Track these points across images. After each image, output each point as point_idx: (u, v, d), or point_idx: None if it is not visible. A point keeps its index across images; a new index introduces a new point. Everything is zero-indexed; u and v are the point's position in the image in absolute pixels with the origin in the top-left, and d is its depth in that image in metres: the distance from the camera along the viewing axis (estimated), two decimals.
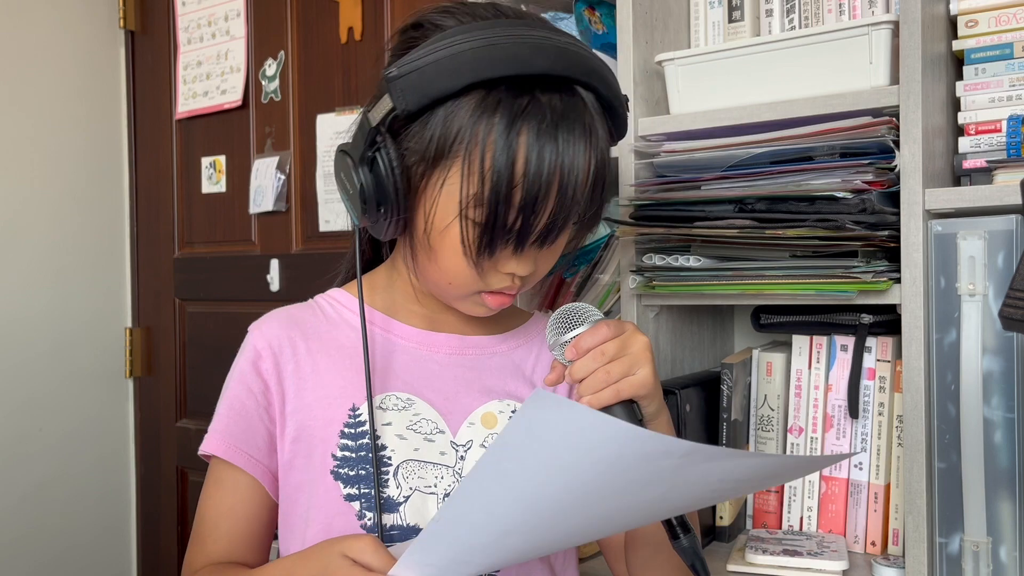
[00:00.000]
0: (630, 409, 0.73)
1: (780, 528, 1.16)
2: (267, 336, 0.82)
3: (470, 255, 0.73)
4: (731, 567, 1.05)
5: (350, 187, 0.75)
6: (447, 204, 0.73)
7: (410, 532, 0.77)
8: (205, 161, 2.19)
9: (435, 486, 0.79)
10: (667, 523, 0.71)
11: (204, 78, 2.17)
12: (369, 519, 0.77)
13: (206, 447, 0.81)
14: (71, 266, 2.22)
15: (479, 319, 0.87)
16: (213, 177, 2.17)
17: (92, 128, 2.28)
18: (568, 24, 1.26)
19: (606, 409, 0.72)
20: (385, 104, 0.71)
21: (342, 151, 0.76)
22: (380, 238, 0.80)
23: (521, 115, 0.69)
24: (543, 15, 1.27)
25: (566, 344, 0.74)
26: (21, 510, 2.09)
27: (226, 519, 0.80)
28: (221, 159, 2.16)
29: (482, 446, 0.82)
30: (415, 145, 0.73)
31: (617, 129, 0.79)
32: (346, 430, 0.78)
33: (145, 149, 2.33)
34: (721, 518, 1.13)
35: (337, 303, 0.86)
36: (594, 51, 0.77)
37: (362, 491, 0.77)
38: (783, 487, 1.16)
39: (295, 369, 0.80)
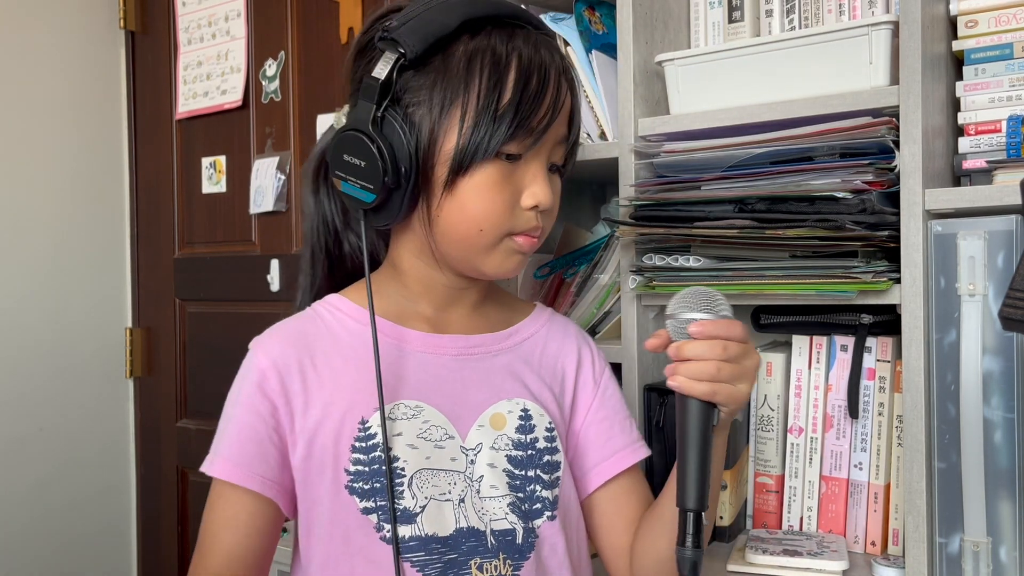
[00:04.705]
0: (710, 411, 0.71)
1: (780, 528, 1.16)
2: (271, 355, 0.80)
3: (492, 149, 0.76)
4: (731, 567, 1.05)
5: (363, 160, 0.77)
6: (466, 138, 0.76)
7: (429, 542, 0.77)
8: (205, 161, 2.19)
9: (449, 492, 0.79)
10: (682, 522, 0.69)
11: (204, 78, 2.17)
12: (387, 531, 0.76)
13: (217, 471, 0.79)
14: (71, 266, 2.22)
15: (482, 317, 0.87)
16: (213, 177, 2.17)
17: (92, 128, 2.28)
18: (568, 24, 1.26)
19: (687, 398, 0.71)
20: (388, 59, 0.76)
21: (346, 130, 0.78)
22: (387, 224, 0.81)
23: (511, 38, 0.78)
24: (542, 16, 1.27)
25: (692, 320, 0.72)
26: (21, 510, 2.09)
27: (227, 531, 0.79)
28: (221, 159, 2.16)
29: (492, 448, 0.81)
30: (419, 97, 0.77)
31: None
32: (357, 444, 0.78)
33: (145, 149, 2.33)
34: (721, 518, 1.13)
35: (338, 311, 0.84)
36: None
37: (378, 504, 0.77)
38: (783, 486, 1.16)
39: (302, 387, 0.79)
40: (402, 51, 0.75)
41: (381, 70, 0.76)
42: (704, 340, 0.71)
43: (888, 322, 1.09)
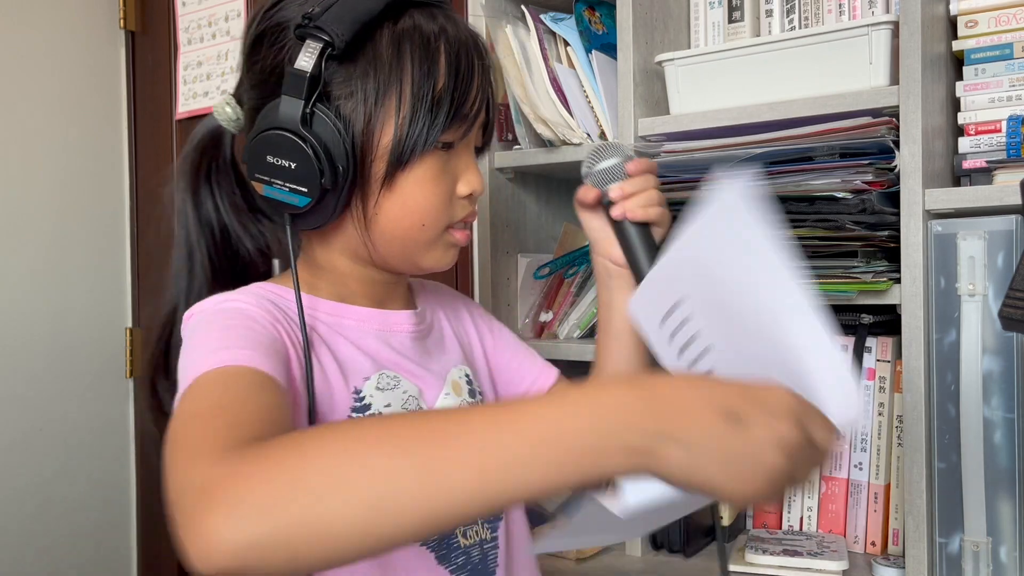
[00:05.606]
0: (650, 232, 0.80)
1: (780, 528, 1.16)
2: (269, 306, 0.71)
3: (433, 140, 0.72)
4: (731, 567, 1.05)
5: (293, 161, 0.70)
6: (404, 130, 0.71)
7: None
8: None
9: None
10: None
11: (204, 78, 2.17)
12: None
13: (223, 359, 0.63)
14: (71, 266, 2.22)
15: (403, 299, 0.86)
16: None
17: (92, 128, 2.28)
18: (568, 24, 1.26)
19: (630, 229, 0.79)
20: (312, 49, 0.69)
21: (269, 129, 0.71)
22: (317, 226, 0.76)
23: (432, 17, 0.75)
24: (542, 16, 1.27)
25: (621, 165, 0.80)
26: (21, 510, 2.09)
27: (258, 393, 0.61)
28: None
29: None
30: (349, 89, 0.72)
31: None
32: (354, 415, 0.75)
33: (145, 149, 2.33)
34: (721, 518, 1.13)
35: (284, 298, 0.76)
36: None
37: None
38: None
39: (296, 351, 0.71)
40: (327, 39, 0.69)
41: (306, 62, 0.69)
42: (641, 175, 0.80)
43: (888, 322, 1.09)
